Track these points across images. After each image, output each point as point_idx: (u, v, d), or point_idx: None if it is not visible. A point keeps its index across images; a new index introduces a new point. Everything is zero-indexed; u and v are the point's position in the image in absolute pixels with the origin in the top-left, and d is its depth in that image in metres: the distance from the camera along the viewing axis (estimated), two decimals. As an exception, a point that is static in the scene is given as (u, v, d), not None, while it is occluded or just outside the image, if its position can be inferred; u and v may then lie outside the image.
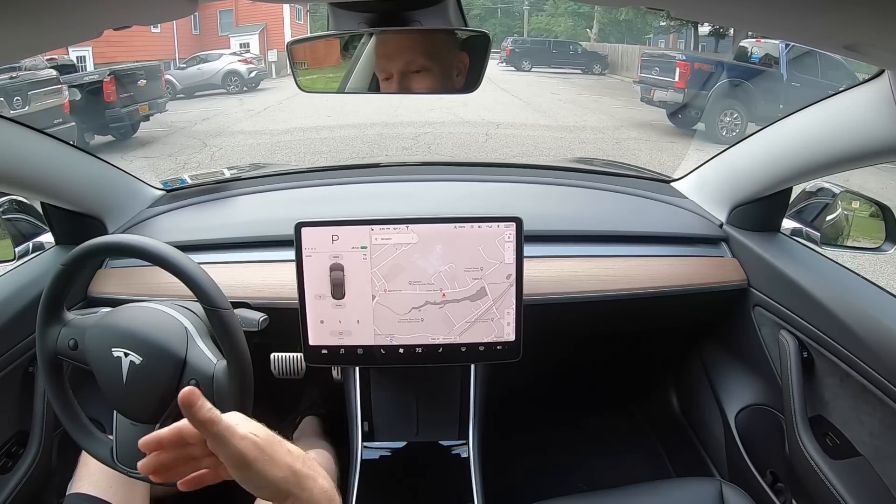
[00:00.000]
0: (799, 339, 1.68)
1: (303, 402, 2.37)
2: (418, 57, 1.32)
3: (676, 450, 2.31)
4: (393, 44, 1.32)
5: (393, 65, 1.33)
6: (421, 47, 1.32)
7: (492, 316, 1.60)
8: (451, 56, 1.33)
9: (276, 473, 0.89)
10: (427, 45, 1.32)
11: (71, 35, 1.02)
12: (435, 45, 1.33)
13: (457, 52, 1.32)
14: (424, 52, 1.32)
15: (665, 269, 1.84)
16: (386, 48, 1.32)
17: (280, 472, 0.90)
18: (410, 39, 1.32)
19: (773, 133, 1.69)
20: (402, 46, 1.32)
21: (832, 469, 1.52)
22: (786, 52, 11.22)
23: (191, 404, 0.85)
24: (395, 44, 1.32)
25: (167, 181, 2.26)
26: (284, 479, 0.90)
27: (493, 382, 1.83)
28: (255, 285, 1.73)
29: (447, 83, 1.36)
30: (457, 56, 1.33)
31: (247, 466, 0.88)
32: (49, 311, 1.35)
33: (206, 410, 0.87)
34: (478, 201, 2.06)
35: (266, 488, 0.90)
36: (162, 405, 1.28)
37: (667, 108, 12.14)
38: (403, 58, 1.32)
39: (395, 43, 1.32)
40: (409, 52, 1.32)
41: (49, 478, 1.69)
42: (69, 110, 9.46)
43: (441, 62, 1.33)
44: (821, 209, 1.77)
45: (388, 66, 1.34)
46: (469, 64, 1.33)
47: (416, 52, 1.32)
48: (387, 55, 1.33)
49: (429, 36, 1.32)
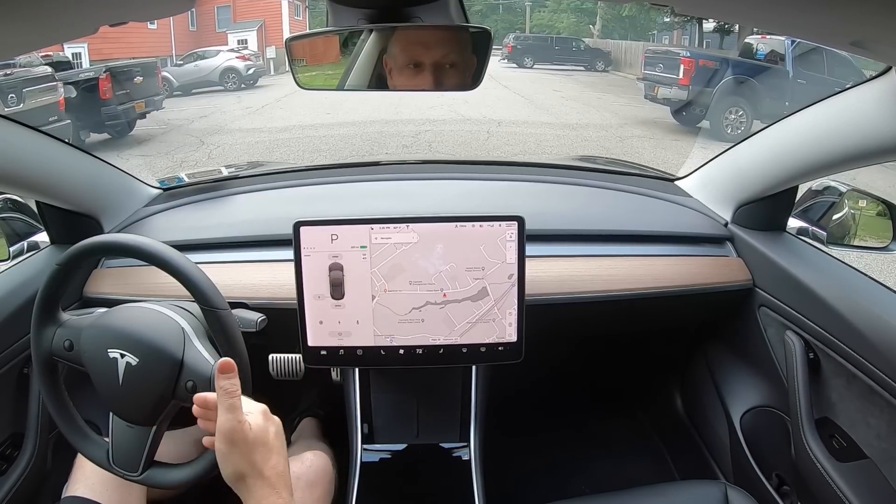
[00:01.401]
0: (805, 340, 1.68)
1: (301, 403, 2.37)
2: (452, 52, 1.32)
3: (680, 452, 2.31)
4: (430, 35, 1.32)
5: (428, 54, 1.33)
6: (454, 43, 1.32)
7: (493, 316, 1.60)
8: (470, 56, 1.33)
9: (238, 464, 1.05)
10: (458, 42, 1.32)
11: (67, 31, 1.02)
12: (463, 43, 1.33)
13: (471, 53, 1.33)
14: (457, 48, 1.32)
15: (669, 269, 1.84)
16: (423, 37, 1.32)
17: (242, 467, 1.05)
18: (446, 33, 1.32)
19: (778, 131, 1.69)
20: (439, 38, 1.32)
21: (839, 472, 1.52)
22: (792, 48, 11.23)
23: (229, 370, 1.09)
24: (433, 35, 1.32)
25: (164, 180, 2.26)
26: (240, 473, 1.05)
27: (495, 384, 1.83)
28: (254, 285, 1.73)
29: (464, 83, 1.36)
30: (471, 57, 1.33)
31: (229, 443, 1.05)
32: (44, 311, 1.35)
33: (234, 382, 1.08)
34: (479, 200, 2.06)
35: (227, 469, 1.06)
36: (159, 407, 1.28)
37: (671, 105, 12.14)
38: (441, 49, 1.32)
39: (432, 34, 1.32)
40: (447, 45, 1.32)
41: (44, 480, 1.69)
42: (64, 108, 9.49)
43: (466, 61, 1.34)
44: (827, 208, 1.77)
45: (422, 55, 1.33)
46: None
47: (451, 47, 1.32)
48: (423, 44, 1.32)
49: (460, 33, 1.32)
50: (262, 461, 1.06)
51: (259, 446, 1.07)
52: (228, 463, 1.05)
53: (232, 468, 1.05)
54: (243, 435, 1.05)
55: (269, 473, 1.06)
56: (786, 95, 10.96)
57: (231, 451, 1.05)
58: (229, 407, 1.06)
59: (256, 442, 1.06)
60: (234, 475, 1.06)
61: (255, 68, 18.83)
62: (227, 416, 1.05)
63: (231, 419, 1.05)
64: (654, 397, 2.51)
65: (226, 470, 1.06)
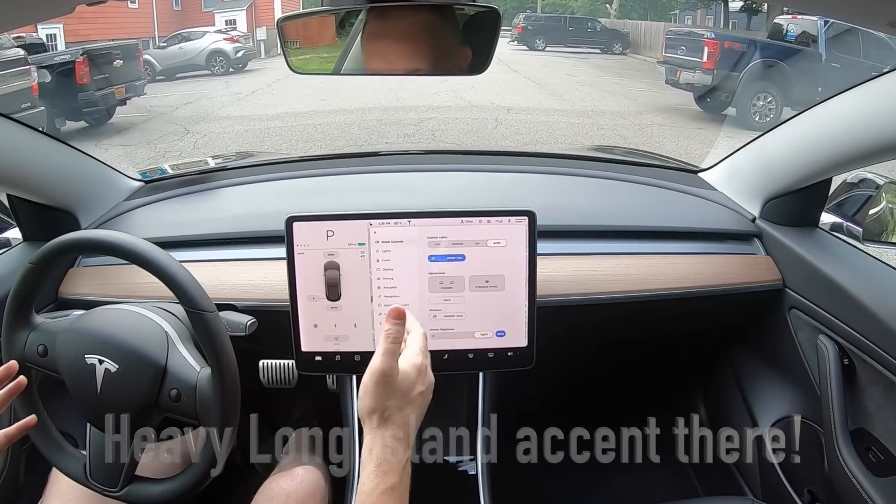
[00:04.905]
0: (839, 345, 1.67)
1: (294, 413, 2.36)
2: (421, 63, 1.32)
3: (705, 466, 2.30)
4: (392, 44, 1.30)
5: (390, 69, 1.34)
6: (424, 53, 1.31)
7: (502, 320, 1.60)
8: (455, 53, 1.33)
9: (372, 402, 1.13)
10: (431, 50, 1.31)
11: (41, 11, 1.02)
12: (439, 49, 1.32)
13: (459, 47, 1.32)
14: (428, 58, 1.32)
15: (692, 268, 1.83)
16: (382, 48, 1.31)
17: (374, 405, 1.13)
18: (413, 43, 1.31)
19: (810, 118, 1.68)
20: (402, 51, 1.31)
21: (875, 487, 1.52)
22: (825, 29, 11.21)
23: (400, 316, 1.17)
24: (396, 45, 1.30)
25: (145, 171, 2.27)
26: (370, 409, 1.14)
27: (504, 392, 1.83)
28: (243, 286, 1.73)
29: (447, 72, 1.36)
30: (459, 52, 1.32)
31: (373, 382, 1.13)
32: (16, 313, 1.35)
33: (399, 329, 1.17)
34: (486, 194, 2.06)
35: (363, 402, 1.15)
36: (140, 417, 1.28)
37: (694, 91, 12.14)
38: (404, 64, 1.32)
39: (395, 44, 1.30)
40: (412, 58, 1.31)
41: (16, 496, 1.70)
42: (38, 93, 9.50)
43: (443, 63, 1.34)
44: (863, 202, 1.77)
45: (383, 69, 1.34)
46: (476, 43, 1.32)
47: (419, 59, 1.31)
48: (383, 56, 1.32)
49: (431, 37, 1.31)
50: (394, 408, 1.14)
51: (398, 395, 1.14)
52: (366, 397, 1.14)
53: (366, 403, 1.14)
54: (390, 379, 1.13)
55: (397, 421, 1.14)
56: (818, 80, 10.94)
57: (372, 389, 1.13)
58: (386, 350, 1.14)
59: (397, 391, 1.14)
60: (365, 410, 1.14)
61: (244, 51, 18.87)
62: (381, 357, 1.14)
63: (384, 361, 1.13)
64: (676, 407, 2.51)
65: (362, 402, 1.15)
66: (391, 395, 1.14)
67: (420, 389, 1.17)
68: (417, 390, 1.16)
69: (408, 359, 1.18)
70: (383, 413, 1.13)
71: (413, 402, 1.16)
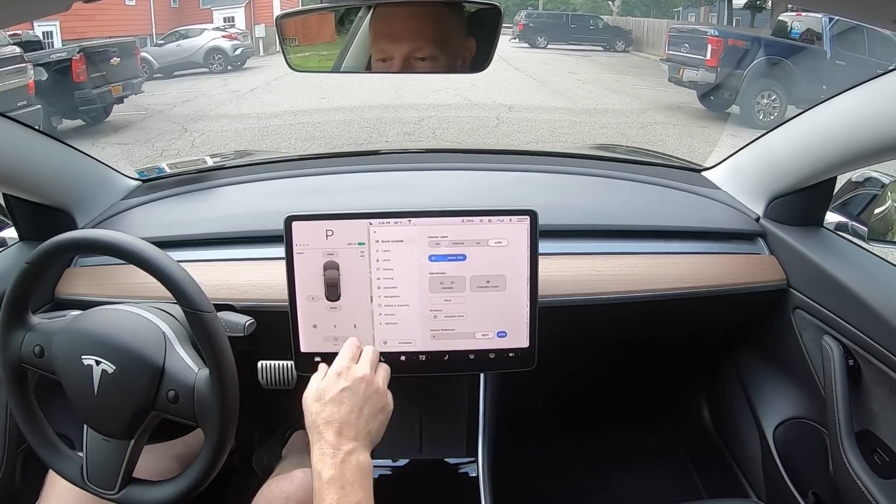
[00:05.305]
0: (844, 346, 1.67)
1: (293, 415, 2.36)
2: (427, 45, 1.32)
3: (708, 468, 2.31)
4: (399, 25, 1.31)
5: (397, 48, 1.33)
6: (431, 34, 1.31)
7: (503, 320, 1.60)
8: (459, 42, 1.33)
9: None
10: (438, 33, 1.32)
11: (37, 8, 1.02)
12: (446, 32, 1.32)
13: (464, 38, 1.32)
14: (434, 40, 1.32)
15: (695, 268, 1.83)
16: (390, 29, 1.32)
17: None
18: (420, 23, 1.31)
19: (815, 117, 1.68)
20: (410, 30, 1.31)
21: (881, 489, 1.52)
22: (829, 26, 11.21)
23: None
24: (402, 26, 1.31)
25: (143, 170, 2.26)
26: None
27: (505, 393, 1.83)
28: (241, 286, 1.73)
29: (450, 67, 1.36)
30: (464, 42, 1.32)
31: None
32: (12, 314, 1.35)
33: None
34: (488, 193, 2.06)
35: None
36: (137, 418, 1.28)
37: (697, 89, 12.15)
38: (411, 43, 1.32)
39: (401, 25, 1.31)
40: (418, 38, 1.31)
41: (12, 499, 1.70)
42: (34, 91, 9.48)
43: (448, 50, 1.33)
44: (868, 201, 1.77)
45: (390, 48, 1.33)
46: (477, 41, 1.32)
47: (425, 39, 1.32)
48: (391, 37, 1.32)
49: (438, 21, 1.32)
50: (316, 411, 1.26)
51: (316, 402, 1.26)
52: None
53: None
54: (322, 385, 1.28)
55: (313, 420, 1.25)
56: (823, 78, 10.95)
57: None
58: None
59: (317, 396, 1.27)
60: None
61: (242, 48, 18.89)
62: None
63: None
64: (679, 408, 2.51)
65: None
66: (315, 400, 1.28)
67: (338, 388, 1.27)
68: (333, 391, 1.26)
69: (354, 371, 1.30)
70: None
71: (331, 402, 1.26)
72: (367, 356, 1.30)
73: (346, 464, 1.15)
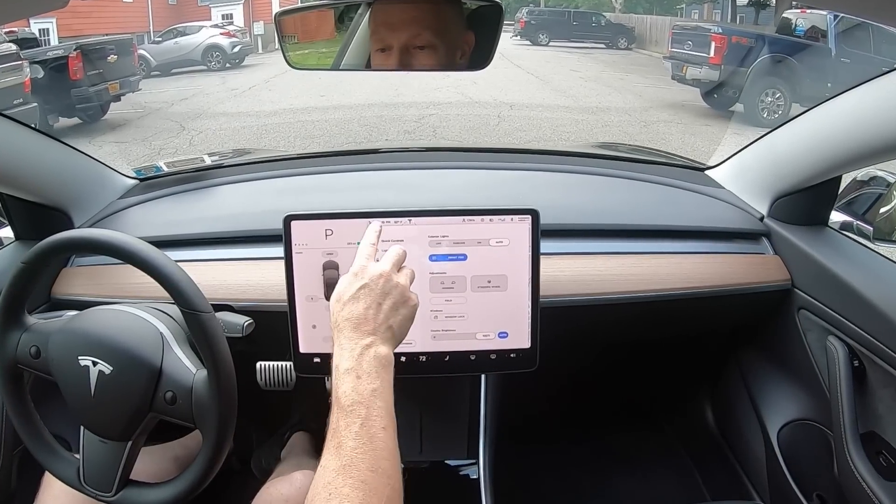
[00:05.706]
0: (849, 346, 1.67)
1: (292, 416, 2.36)
2: (425, 32, 1.32)
3: (712, 470, 2.31)
4: (398, 13, 1.31)
5: (395, 37, 1.33)
6: (429, 21, 1.31)
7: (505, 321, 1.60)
8: (458, 35, 1.33)
9: None
10: (436, 20, 1.32)
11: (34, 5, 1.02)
12: (444, 20, 1.32)
13: (464, 30, 1.32)
14: (432, 28, 1.32)
15: (699, 268, 1.83)
16: (389, 16, 1.32)
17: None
18: (418, 10, 1.32)
19: (820, 115, 1.68)
20: (408, 17, 1.31)
21: (886, 492, 1.51)
22: (835, 23, 11.19)
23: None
24: (401, 13, 1.31)
25: (140, 169, 2.26)
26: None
27: (507, 394, 1.83)
28: (240, 286, 1.73)
29: (450, 62, 1.36)
30: (463, 35, 1.32)
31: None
32: (8, 314, 1.35)
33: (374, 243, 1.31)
34: (489, 191, 2.06)
35: None
36: (134, 420, 1.27)
37: (701, 86, 12.12)
38: (409, 30, 1.32)
39: (399, 12, 1.31)
40: (415, 25, 1.31)
41: (8, 501, 1.70)
42: (31, 89, 9.49)
43: (447, 40, 1.33)
44: (874, 200, 1.76)
45: (388, 37, 1.33)
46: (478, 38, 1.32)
47: (424, 27, 1.31)
48: (389, 25, 1.32)
49: (437, 9, 1.32)
50: (337, 311, 1.21)
51: (336, 302, 1.22)
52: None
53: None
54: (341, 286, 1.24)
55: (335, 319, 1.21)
56: (828, 76, 10.94)
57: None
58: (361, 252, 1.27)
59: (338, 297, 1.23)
60: None
61: (241, 46, 18.88)
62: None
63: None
64: (682, 409, 2.51)
65: None
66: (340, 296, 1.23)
67: (356, 286, 1.23)
68: (351, 290, 1.22)
69: (372, 270, 1.25)
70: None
71: (354, 299, 1.22)
72: (389, 255, 1.29)
73: (363, 356, 1.15)
